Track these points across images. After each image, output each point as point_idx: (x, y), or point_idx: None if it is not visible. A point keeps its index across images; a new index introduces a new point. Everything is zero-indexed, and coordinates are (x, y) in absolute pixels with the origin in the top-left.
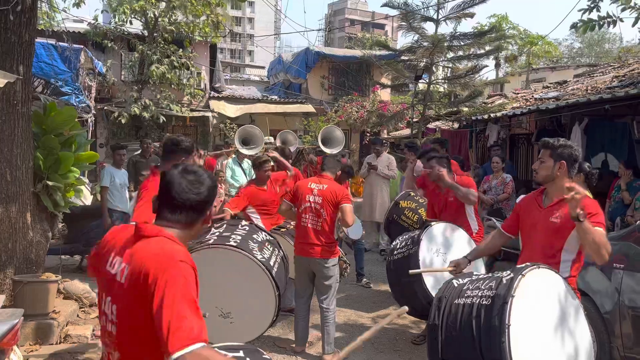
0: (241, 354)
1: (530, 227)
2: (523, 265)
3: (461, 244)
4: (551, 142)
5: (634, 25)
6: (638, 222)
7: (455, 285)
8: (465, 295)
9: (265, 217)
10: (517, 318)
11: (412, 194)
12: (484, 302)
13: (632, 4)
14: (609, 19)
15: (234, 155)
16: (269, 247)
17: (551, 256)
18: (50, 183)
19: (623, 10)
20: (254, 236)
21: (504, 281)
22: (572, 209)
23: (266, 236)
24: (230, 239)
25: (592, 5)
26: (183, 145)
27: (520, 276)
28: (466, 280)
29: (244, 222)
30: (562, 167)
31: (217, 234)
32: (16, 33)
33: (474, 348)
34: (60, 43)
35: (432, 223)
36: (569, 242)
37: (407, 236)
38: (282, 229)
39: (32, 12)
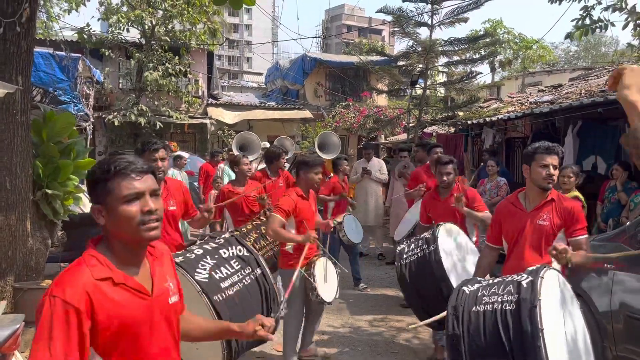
0: None
1: (517, 232)
2: (536, 267)
3: (469, 247)
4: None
5: (623, 28)
6: (628, 223)
7: (467, 292)
8: (483, 302)
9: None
10: (547, 320)
11: None
12: (507, 308)
13: (622, 4)
14: (601, 24)
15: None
16: (234, 264)
17: (539, 257)
18: (49, 191)
19: (613, 11)
20: (221, 251)
21: (524, 284)
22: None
23: (240, 252)
24: (189, 253)
25: (585, 15)
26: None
27: (540, 279)
28: (477, 286)
29: (226, 235)
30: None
31: (192, 248)
32: (15, 43)
33: (505, 354)
34: (59, 52)
35: (440, 223)
36: (557, 241)
37: (413, 239)
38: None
39: (30, 23)
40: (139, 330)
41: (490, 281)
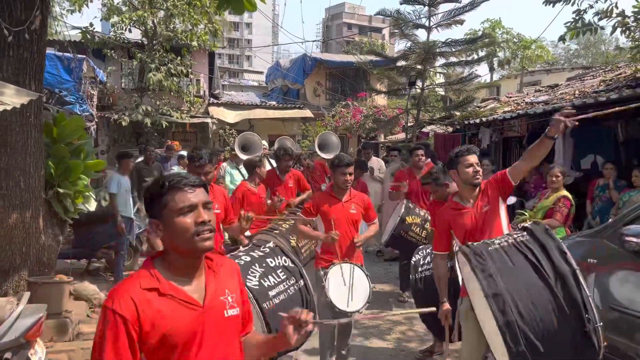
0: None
1: (470, 230)
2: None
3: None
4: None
5: (611, 33)
6: (610, 220)
7: (487, 272)
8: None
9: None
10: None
11: (412, 205)
12: (520, 239)
13: (609, 10)
14: (591, 27)
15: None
16: (280, 274)
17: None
18: (61, 190)
19: (600, 19)
20: (268, 260)
21: (556, 257)
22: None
23: (286, 262)
24: (237, 259)
25: (577, 17)
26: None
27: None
28: (491, 267)
29: (270, 243)
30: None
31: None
32: (28, 49)
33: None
34: (64, 54)
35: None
36: (502, 219)
37: (430, 250)
38: (275, 231)
39: (42, 29)
40: (185, 342)
41: (495, 253)
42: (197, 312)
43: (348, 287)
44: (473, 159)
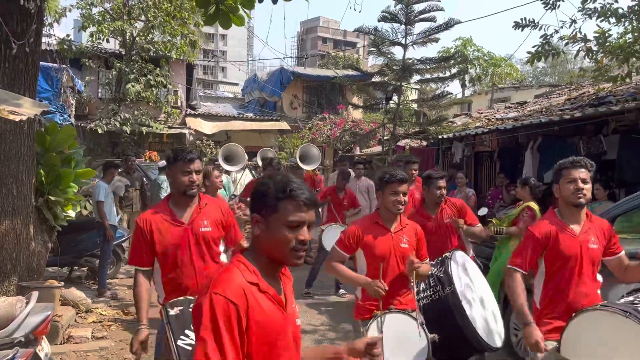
0: None
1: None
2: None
3: (478, 273)
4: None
5: (575, 57)
6: None
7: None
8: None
9: None
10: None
11: None
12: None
13: (573, 35)
14: (554, 51)
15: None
16: None
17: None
18: (52, 198)
19: (566, 44)
20: None
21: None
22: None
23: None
24: None
25: (544, 42)
26: None
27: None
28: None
29: None
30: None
31: None
32: (23, 61)
33: None
34: (44, 63)
35: (447, 254)
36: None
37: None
38: None
39: (37, 41)
40: (276, 341)
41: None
42: (284, 316)
43: (395, 344)
44: (578, 173)
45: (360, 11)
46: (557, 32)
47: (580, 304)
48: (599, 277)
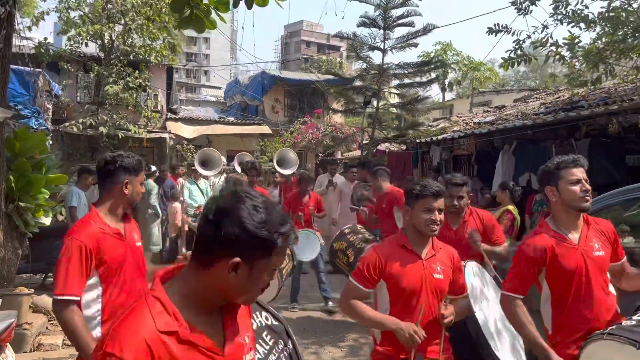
0: None
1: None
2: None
3: (491, 284)
4: None
5: (544, 63)
6: None
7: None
8: None
9: None
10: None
11: (347, 230)
12: None
13: (544, 40)
14: (525, 57)
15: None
16: (268, 339)
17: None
18: (22, 204)
19: (535, 48)
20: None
21: None
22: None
23: (268, 320)
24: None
25: (517, 47)
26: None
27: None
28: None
29: None
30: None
31: None
32: None
33: None
34: (19, 67)
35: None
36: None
37: None
38: None
39: (7, 46)
40: None
41: None
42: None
43: None
44: (581, 173)
45: (343, 18)
46: (529, 37)
47: (598, 320)
48: (611, 289)
